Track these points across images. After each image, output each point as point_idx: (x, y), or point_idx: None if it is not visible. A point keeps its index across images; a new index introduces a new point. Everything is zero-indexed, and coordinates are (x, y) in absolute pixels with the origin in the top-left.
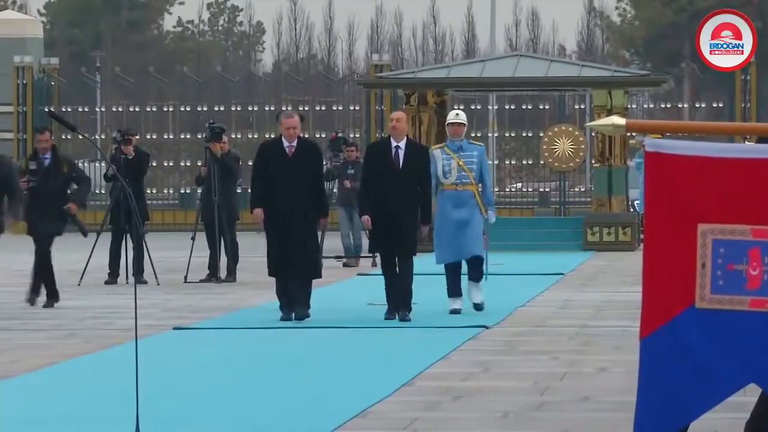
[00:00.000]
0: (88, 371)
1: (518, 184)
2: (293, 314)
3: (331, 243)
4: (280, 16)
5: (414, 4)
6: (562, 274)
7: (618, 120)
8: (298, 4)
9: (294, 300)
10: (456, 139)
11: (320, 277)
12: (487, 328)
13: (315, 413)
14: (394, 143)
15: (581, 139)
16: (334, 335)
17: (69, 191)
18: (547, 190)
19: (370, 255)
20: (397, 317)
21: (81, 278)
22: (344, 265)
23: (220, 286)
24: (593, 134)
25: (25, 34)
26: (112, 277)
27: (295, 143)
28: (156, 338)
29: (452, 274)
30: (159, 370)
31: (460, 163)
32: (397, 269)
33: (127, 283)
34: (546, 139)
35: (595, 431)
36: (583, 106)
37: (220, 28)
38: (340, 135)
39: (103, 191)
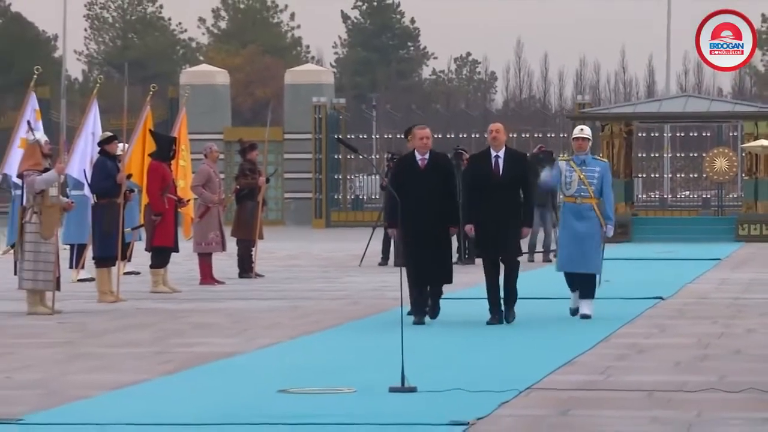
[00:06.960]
0: (366, 330)
1: (686, 192)
2: (426, 317)
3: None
4: (508, 67)
5: (609, 58)
6: (719, 259)
7: (767, 142)
8: (522, 57)
9: (426, 306)
10: (581, 154)
11: (451, 282)
12: (662, 299)
13: (532, 362)
14: (494, 153)
15: (734, 158)
16: (548, 303)
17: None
18: (708, 196)
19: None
20: (500, 319)
21: (361, 260)
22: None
23: (467, 267)
24: (744, 154)
25: (321, 81)
26: (384, 260)
27: (427, 156)
28: None
29: (568, 277)
30: (419, 329)
31: (582, 176)
32: (504, 270)
33: (394, 265)
34: (708, 158)
35: (746, 376)
36: (736, 134)
37: (463, 76)
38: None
39: (378, 196)
